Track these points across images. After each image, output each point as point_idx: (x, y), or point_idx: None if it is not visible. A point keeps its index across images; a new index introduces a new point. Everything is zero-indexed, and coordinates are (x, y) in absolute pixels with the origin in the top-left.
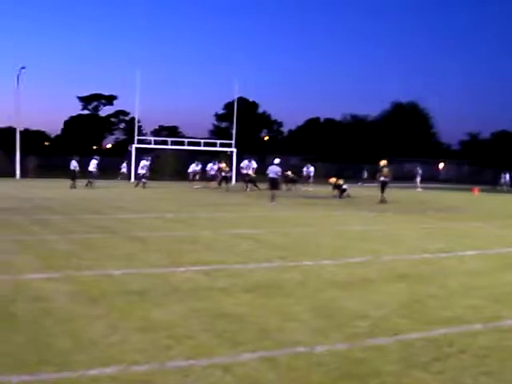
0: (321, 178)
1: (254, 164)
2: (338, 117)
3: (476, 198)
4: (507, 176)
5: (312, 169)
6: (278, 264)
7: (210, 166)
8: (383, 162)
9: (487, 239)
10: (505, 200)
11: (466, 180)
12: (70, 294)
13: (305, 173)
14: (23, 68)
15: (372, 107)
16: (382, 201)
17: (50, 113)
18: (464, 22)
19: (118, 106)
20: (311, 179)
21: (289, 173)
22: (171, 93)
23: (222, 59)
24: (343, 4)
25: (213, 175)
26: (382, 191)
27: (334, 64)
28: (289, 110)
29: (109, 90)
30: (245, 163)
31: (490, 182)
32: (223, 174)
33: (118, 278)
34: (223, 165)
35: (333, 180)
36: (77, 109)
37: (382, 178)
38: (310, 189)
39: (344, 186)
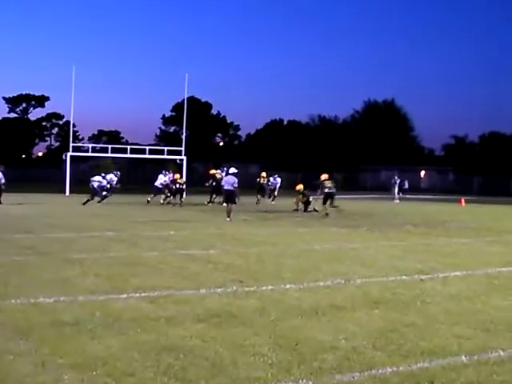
0: (285, 189)
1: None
2: (303, 119)
3: (462, 209)
4: None
5: (278, 180)
6: (234, 289)
7: (160, 177)
8: (324, 176)
9: (474, 258)
10: (494, 212)
11: (451, 189)
12: None
13: (270, 184)
14: None
15: (342, 108)
16: (327, 213)
17: None
18: (447, 11)
19: (50, 108)
20: (276, 192)
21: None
22: (111, 93)
23: (170, 54)
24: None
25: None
26: (331, 203)
27: (298, 60)
28: (247, 111)
29: (39, 90)
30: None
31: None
32: (177, 186)
33: (49, 307)
34: (178, 175)
35: (300, 187)
36: (3, 111)
37: (326, 190)
38: (273, 202)
39: (310, 199)
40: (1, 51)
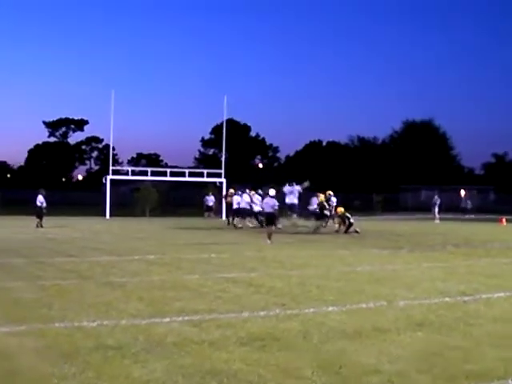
0: None
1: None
2: (343, 140)
3: (504, 229)
4: None
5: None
6: (276, 312)
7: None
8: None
9: None
10: None
11: (491, 209)
12: (37, 350)
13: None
14: None
15: (381, 128)
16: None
17: (11, 141)
18: (481, 29)
19: (89, 131)
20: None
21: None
22: (150, 116)
23: (209, 77)
24: (346, 17)
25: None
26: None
27: (337, 81)
28: (286, 132)
29: (79, 114)
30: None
31: None
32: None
33: (92, 331)
34: (253, 192)
35: (341, 210)
36: (43, 136)
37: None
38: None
39: (351, 220)
40: (40, 76)
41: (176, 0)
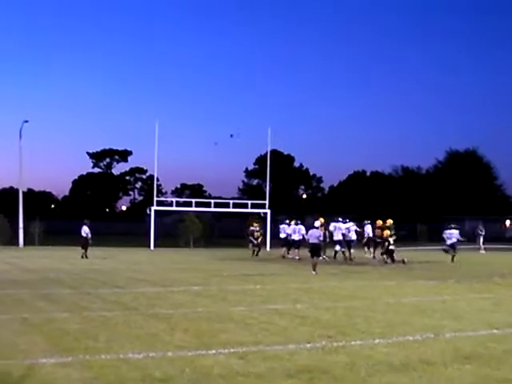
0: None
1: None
2: (386, 170)
3: None
4: None
5: (455, 232)
6: (323, 344)
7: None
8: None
9: None
10: None
11: None
12: (84, 381)
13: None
14: (26, 122)
15: (425, 158)
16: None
17: (56, 171)
18: None
19: (133, 162)
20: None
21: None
22: (194, 147)
23: (252, 108)
24: (388, 47)
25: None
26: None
27: (380, 111)
28: (329, 163)
29: (122, 145)
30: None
31: None
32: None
33: (138, 363)
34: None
35: (387, 233)
36: (87, 166)
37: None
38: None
39: (391, 247)
40: (84, 108)
41: (219, 32)
